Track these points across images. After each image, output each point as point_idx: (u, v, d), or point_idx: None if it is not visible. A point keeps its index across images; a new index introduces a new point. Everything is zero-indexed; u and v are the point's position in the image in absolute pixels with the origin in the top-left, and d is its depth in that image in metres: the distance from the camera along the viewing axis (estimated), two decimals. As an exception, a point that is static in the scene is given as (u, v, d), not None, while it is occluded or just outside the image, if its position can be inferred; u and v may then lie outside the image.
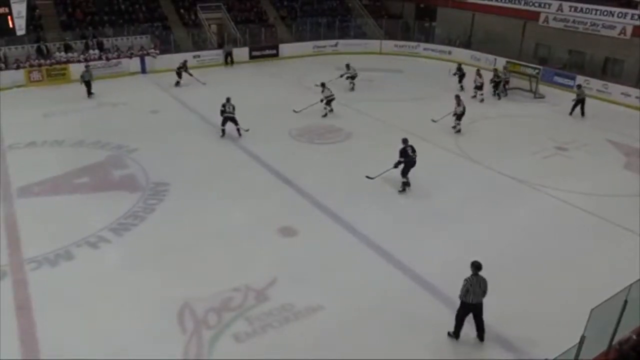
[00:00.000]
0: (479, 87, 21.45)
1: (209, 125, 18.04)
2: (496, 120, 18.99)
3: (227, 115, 16.24)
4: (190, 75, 22.89)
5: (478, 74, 21.61)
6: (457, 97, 17.95)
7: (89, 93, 20.88)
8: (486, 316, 8.14)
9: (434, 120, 18.10)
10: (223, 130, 16.53)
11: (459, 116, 17.52)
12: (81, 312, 8.80)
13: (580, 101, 19.72)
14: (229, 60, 26.94)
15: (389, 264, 10.30)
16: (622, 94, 21.86)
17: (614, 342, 7.07)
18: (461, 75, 23.23)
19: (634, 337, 7.32)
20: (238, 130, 16.52)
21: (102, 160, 14.95)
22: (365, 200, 12.87)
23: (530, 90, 22.84)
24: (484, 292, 7.95)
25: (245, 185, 13.67)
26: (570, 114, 19.78)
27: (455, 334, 8.25)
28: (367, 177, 13.52)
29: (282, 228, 11.49)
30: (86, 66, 21.99)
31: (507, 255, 10.63)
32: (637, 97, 21.49)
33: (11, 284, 9.52)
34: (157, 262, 10.26)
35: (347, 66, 22.79)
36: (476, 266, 7.95)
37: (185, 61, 23.40)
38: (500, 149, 16.34)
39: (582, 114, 19.71)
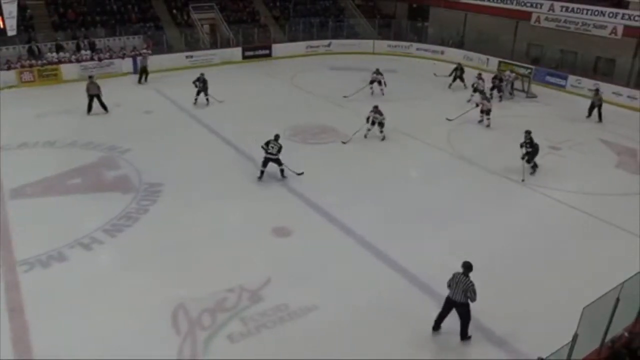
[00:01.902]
0: (482, 92, 21.30)
1: (202, 126, 18.01)
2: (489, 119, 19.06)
3: (269, 156, 13.65)
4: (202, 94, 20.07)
5: (480, 78, 21.58)
6: (484, 93, 19.08)
7: (103, 107, 18.79)
8: (480, 314, 8.17)
9: (449, 119, 18.66)
10: (262, 172, 13.81)
11: (487, 112, 18.25)
12: (74, 314, 8.75)
13: (598, 106, 19.39)
14: (143, 76, 23.20)
15: (384, 264, 10.32)
16: (614, 93, 21.99)
17: (606, 340, 7.12)
18: (461, 72, 23.16)
19: (626, 334, 7.38)
20: (282, 171, 13.82)
21: (94, 161, 14.87)
22: (360, 200, 12.89)
23: (523, 90, 22.96)
24: (464, 293, 7.90)
25: (239, 185, 13.64)
26: (597, 118, 19.45)
27: (434, 326, 8.39)
28: (523, 180, 14.01)
29: (277, 228, 11.48)
30: (90, 77, 19.34)
31: (500, 254, 10.68)
32: (628, 97, 21.69)
33: (3, 286, 9.44)
34: (151, 263, 10.22)
35: (377, 71, 21.70)
36: (466, 266, 7.99)
37: (202, 74, 20.25)
38: (493, 149, 16.41)
39: (594, 116, 19.46)
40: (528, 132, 14.43)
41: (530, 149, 14.19)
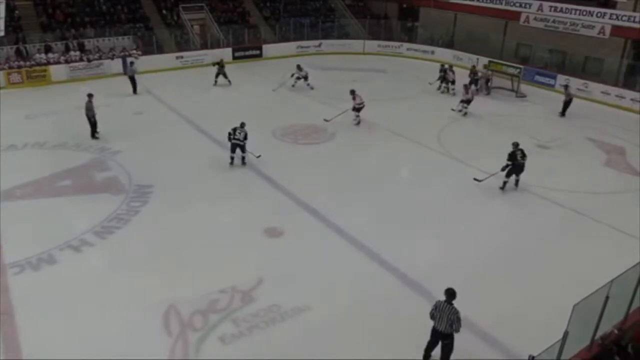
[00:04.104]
0: (452, 82, 22.21)
1: (192, 126, 17.97)
2: (478, 119, 19.17)
3: (235, 142, 14.36)
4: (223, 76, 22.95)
5: (451, 70, 22.18)
6: (465, 86, 19.94)
7: (94, 133, 16.70)
8: (471, 314, 8.19)
9: (453, 110, 19.83)
10: (232, 158, 14.61)
11: (467, 101, 19.41)
12: (65, 317, 8.71)
13: (567, 101, 19.95)
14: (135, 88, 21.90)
15: (375, 264, 10.33)
16: (602, 92, 22.22)
17: (596, 337, 7.18)
18: (474, 75, 23.06)
19: (616, 331, 7.45)
20: (243, 158, 14.64)
21: (84, 163, 14.79)
22: (351, 200, 12.90)
23: (512, 90, 23.08)
24: (450, 324, 7.32)
25: (229, 185, 13.63)
26: (562, 114, 19.99)
27: (424, 355, 7.84)
28: (475, 179, 13.59)
29: (268, 229, 11.47)
30: (89, 95, 16.70)
31: (490, 252, 10.74)
32: (616, 96, 21.89)
33: (-7, 289, 9.38)
34: (142, 265, 10.17)
35: (298, 67, 22.78)
36: (449, 294, 7.40)
37: (222, 60, 23.48)
38: (482, 148, 16.46)
39: (563, 114, 19.99)
40: (515, 145, 13.40)
41: (510, 163, 13.10)
